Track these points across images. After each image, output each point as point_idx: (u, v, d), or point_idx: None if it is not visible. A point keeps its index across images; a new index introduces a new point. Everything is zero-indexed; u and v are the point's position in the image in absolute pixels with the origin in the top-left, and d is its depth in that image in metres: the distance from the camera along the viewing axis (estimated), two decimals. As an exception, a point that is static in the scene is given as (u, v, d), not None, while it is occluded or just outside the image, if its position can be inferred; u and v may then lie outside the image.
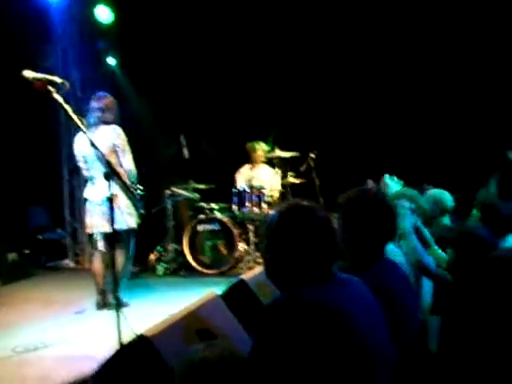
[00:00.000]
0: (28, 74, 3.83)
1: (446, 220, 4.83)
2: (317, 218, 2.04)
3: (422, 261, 3.26)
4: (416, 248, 3.26)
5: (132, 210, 5.91)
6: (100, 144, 5.23)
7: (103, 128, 5.86)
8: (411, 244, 3.27)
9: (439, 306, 3.28)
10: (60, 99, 3.80)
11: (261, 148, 8.43)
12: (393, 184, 4.06)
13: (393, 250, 3.15)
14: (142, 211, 6.04)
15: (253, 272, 3.96)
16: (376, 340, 2.00)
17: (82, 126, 4.00)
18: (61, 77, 4.05)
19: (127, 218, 5.84)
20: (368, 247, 2.55)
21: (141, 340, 2.28)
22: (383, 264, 2.58)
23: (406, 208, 3.38)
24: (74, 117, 3.91)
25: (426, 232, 3.82)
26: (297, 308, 1.88)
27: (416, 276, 3.44)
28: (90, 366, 3.10)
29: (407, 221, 3.35)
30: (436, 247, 3.79)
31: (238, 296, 3.26)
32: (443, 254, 3.59)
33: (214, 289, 3.26)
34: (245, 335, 2.85)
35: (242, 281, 3.42)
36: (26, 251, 8.21)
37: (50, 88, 3.81)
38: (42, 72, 3.98)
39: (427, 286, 3.55)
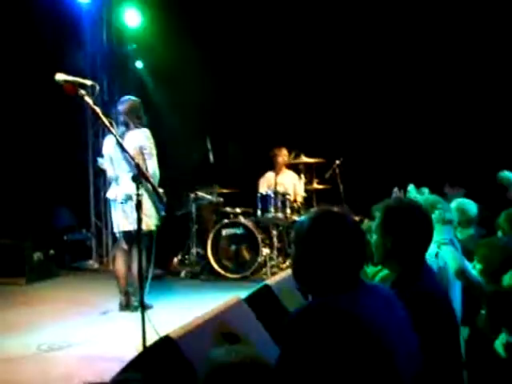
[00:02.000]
0: (59, 76, 3.88)
1: (471, 231, 4.77)
2: (348, 224, 2.03)
3: (464, 268, 3.19)
4: (454, 257, 3.19)
5: (153, 211, 5.94)
6: (128, 146, 5.30)
7: (132, 131, 5.92)
8: (449, 253, 3.20)
9: (469, 317, 3.23)
10: (90, 102, 3.84)
11: (285, 154, 8.45)
12: (415, 194, 4.01)
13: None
14: (163, 213, 6.08)
15: (277, 277, 3.96)
16: (405, 349, 1.98)
17: (111, 128, 4.04)
18: (90, 80, 4.10)
19: (146, 219, 5.85)
20: (411, 256, 2.52)
21: (166, 341, 2.29)
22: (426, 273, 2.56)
23: (447, 216, 3.31)
24: (104, 119, 3.95)
25: (458, 245, 3.77)
26: (325, 315, 1.88)
27: (445, 285, 3.40)
28: (113, 367, 3.12)
29: (446, 230, 3.28)
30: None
31: (262, 301, 3.26)
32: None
33: (237, 293, 3.27)
34: (269, 340, 2.86)
35: (267, 286, 3.42)
36: (51, 251, 8.29)
37: (82, 91, 3.85)
38: (71, 75, 4.02)
39: (457, 296, 3.50)
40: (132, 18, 8.95)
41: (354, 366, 1.83)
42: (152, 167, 5.89)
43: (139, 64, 9.48)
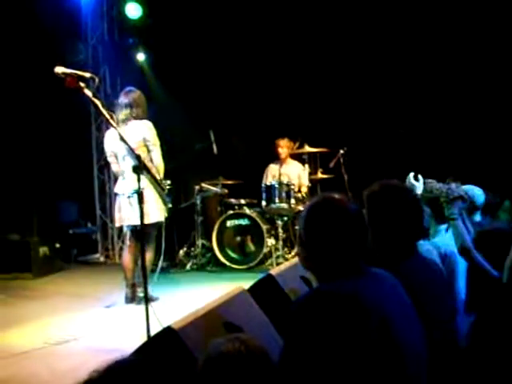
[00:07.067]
0: (59, 69, 3.87)
1: (477, 217, 4.73)
2: (347, 209, 2.03)
3: (465, 244, 3.18)
4: (461, 233, 3.18)
5: (160, 203, 5.96)
6: (130, 138, 5.29)
7: (134, 122, 5.91)
8: (457, 229, 3.20)
9: (475, 302, 3.21)
10: (90, 94, 3.83)
11: (288, 144, 8.42)
12: (417, 184, 3.96)
13: (427, 251, 3.11)
14: (170, 205, 6.09)
15: (281, 267, 3.94)
16: (410, 335, 1.98)
17: (111, 121, 4.03)
18: (90, 72, 4.09)
19: (155, 211, 5.87)
20: (396, 245, 2.52)
21: (168, 332, 2.29)
22: (414, 262, 2.55)
23: (456, 193, 3.29)
24: (104, 112, 3.94)
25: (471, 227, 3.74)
26: (330, 301, 1.88)
27: (449, 273, 3.38)
28: (118, 359, 3.12)
29: (455, 207, 3.27)
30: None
31: (265, 290, 3.24)
32: None
33: (242, 284, 3.25)
34: (272, 329, 2.85)
35: (270, 275, 3.40)
36: (57, 245, 8.31)
37: (81, 83, 3.84)
38: (72, 68, 4.01)
39: (460, 282, 3.48)
40: (133, 10, 8.92)
41: (359, 352, 1.83)
42: (156, 158, 5.91)
43: (141, 56, 9.45)
